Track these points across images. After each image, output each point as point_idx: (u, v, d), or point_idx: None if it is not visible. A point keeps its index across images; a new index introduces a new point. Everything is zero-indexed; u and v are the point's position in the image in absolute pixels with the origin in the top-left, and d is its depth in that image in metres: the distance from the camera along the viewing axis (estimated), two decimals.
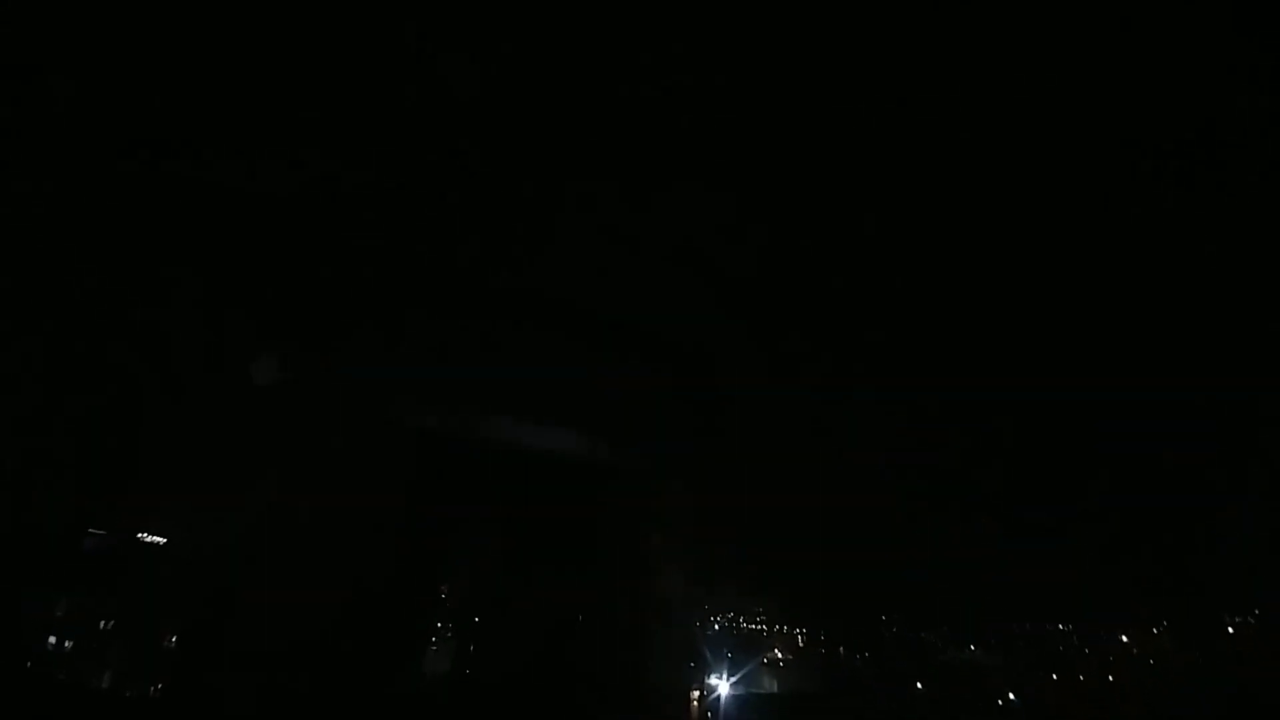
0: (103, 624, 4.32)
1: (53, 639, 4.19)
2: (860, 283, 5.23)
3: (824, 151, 3.97)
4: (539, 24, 3.12)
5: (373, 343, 4.59)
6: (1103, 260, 4.91)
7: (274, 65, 3.31)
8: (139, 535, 4.42)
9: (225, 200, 4.04)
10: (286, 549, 4.08)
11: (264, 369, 4.33)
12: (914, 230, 4.70)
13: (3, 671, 3.70)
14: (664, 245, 4.66)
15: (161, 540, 4.45)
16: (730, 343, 5.46)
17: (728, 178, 4.14)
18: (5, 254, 3.74)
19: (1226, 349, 5.37)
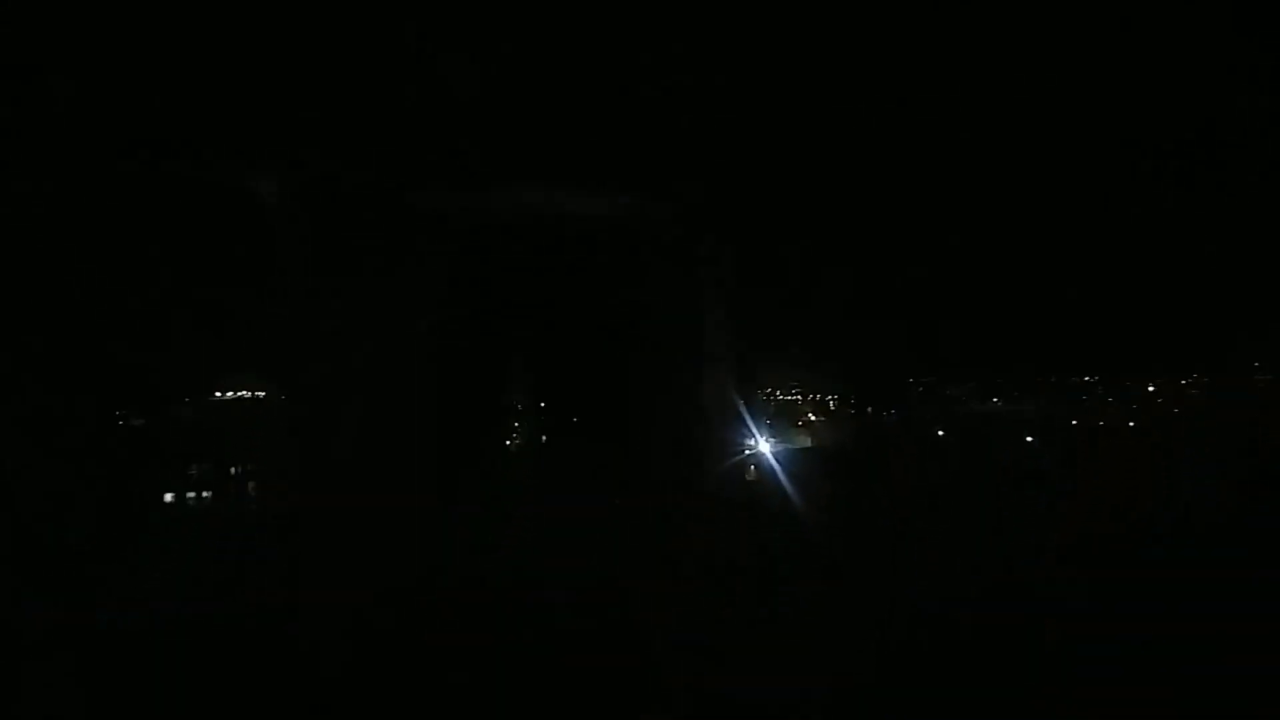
0: (234, 470, 4.65)
1: (192, 494, 4.55)
2: (860, 282, 5.24)
3: (823, 151, 3.97)
4: (539, 24, 3.12)
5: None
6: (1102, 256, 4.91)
7: (274, 65, 3.31)
8: (239, 395, 4.68)
9: (225, 200, 4.04)
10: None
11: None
12: (913, 230, 4.70)
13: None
14: (663, 245, 4.66)
15: (260, 394, 4.67)
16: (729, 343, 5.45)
17: (727, 178, 4.14)
18: (5, 254, 3.73)
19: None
